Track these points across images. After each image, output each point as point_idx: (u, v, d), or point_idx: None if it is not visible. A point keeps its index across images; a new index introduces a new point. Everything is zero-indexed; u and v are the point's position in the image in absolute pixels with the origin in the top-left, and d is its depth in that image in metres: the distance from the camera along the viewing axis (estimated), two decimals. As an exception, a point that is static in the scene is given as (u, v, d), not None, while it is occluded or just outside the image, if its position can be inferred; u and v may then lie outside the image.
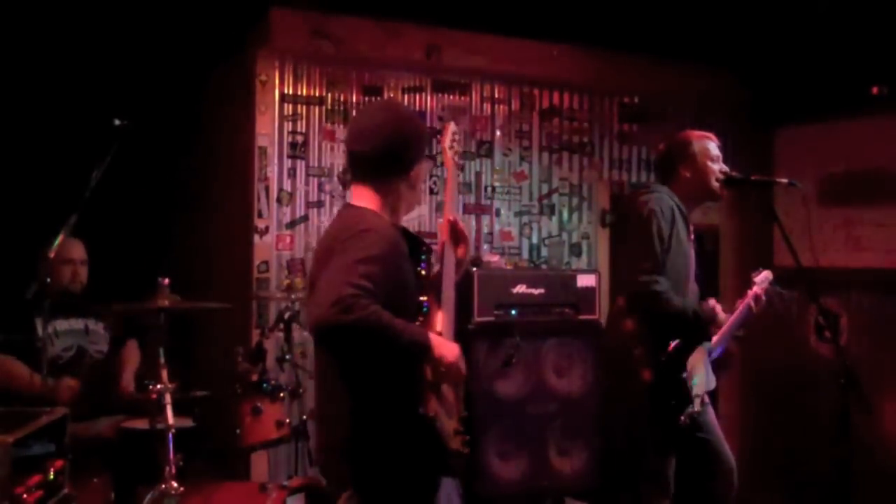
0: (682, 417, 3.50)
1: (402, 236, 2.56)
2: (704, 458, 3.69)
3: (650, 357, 3.52)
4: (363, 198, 2.60)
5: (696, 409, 3.54)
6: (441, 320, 2.59)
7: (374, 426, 2.44)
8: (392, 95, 5.38)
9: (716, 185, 3.72)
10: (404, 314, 2.40)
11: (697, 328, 3.60)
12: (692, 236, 3.73)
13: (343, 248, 2.37)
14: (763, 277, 3.84)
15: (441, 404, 2.52)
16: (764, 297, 3.77)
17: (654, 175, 3.98)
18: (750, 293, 3.77)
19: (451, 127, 2.88)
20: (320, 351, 2.57)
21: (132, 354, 4.40)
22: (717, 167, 3.74)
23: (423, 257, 2.60)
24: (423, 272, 2.59)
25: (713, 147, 3.76)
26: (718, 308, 3.69)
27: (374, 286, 2.29)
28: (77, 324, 4.30)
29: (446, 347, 2.47)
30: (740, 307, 3.75)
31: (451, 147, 2.84)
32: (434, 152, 5.13)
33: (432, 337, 2.45)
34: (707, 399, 3.67)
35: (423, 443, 2.46)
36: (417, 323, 2.50)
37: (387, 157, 2.57)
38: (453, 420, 2.57)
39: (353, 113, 5.25)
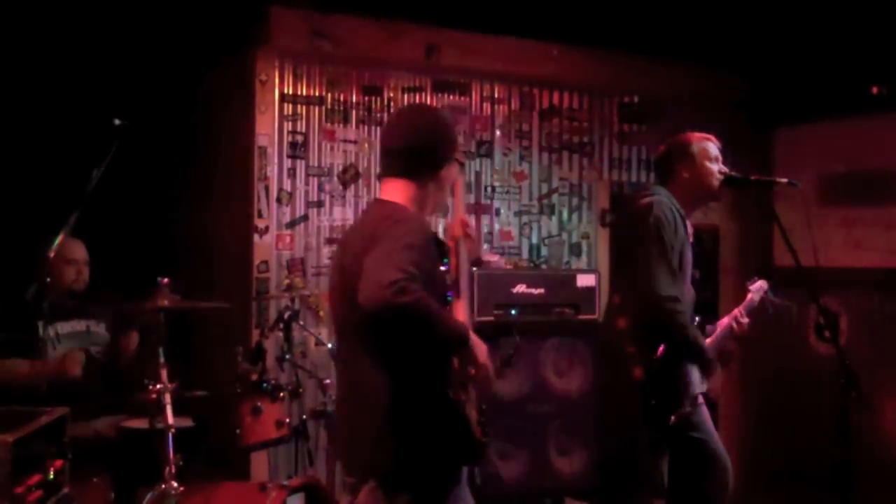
0: (673, 417, 3.49)
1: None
2: (699, 457, 3.69)
3: (642, 355, 3.52)
4: (393, 193, 2.65)
5: (687, 410, 3.54)
6: (462, 314, 2.64)
7: (408, 411, 2.48)
8: (392, 95, 5.38)
9: (715, 185, 3.72)
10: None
11: (696, 361, 3.59)
12: (691, 238, 3.74)
13: (388, 234, 2.43)
14: (758, 287, 3.84)
15: (466, 394, 2.57)
16: (757, 307, 3.77)
17: (654, 175, 3.98)
18: (743, 304, 3.77)
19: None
20: (350, 340, 2.58)
21: (132, 339, 4.38)
22: (717, 168, 3.73)
23: (445, 258, 2.67)
24: (446, 269, 2.66)
25: (713, 148, 3.76)
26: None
27: (419, 273, 2.35)
28: (79, 325, 4.30)
29: (479, 344, 2.53)
30: (729, 319, 3.75)
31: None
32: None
33: (471, 333, 2.51)
34: (701, 399, 3.67)
35: (453, 428, 2.50)
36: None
37: (418, 152, 2.64)
38: (475, 411, 2.62)
39: (353, 115, 5.26)
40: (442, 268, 2.63)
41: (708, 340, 3.68)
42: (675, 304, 3.47)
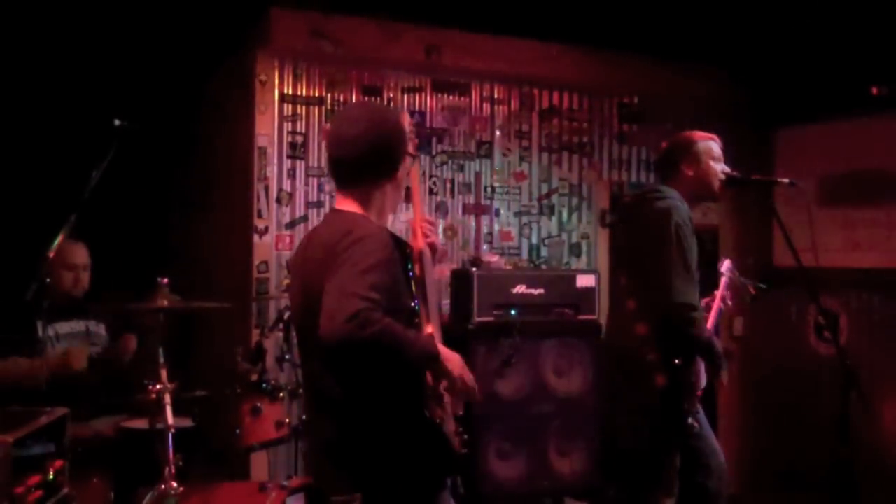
0: (691, 421, 3.50)
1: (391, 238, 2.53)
2: (697, 456, 3.69)
3: (664, 362, 3.51)
4: (350, 202, 2.56)
5: (699, 410, 3.55)
6: (430, 322, 2.59)
7: (380, 431, 2.43)
8: (392, 95, 5.38)
9: (717, 185, 3.72)
10: (400, 318, 2.38)
11: (711, 360, 3.59)
12: (694, 237, 3.74)
13: (346, 257, 2.33)
14: (727, 266, 3.84)
15: (441, 407, 2.52)
16: (731, 293, 3.77)
17: (655, 173, 3.96)
18: (721, 286, 3.77)
19: (406, 116, 2.79)
20: (316, 359, 2.52)
21: (130, 342, 4.37)
22: (720, 167, 3.73)
23: (409, 262, 2.58)
24: (410, 274, 2.57)
25: (716, 147, 3.75)
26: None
27: (381, 296, 2.28)
28: (78, 326, 4.30)
29: (451, 357, 2.46)
30: (717, 302, 3.75)
31: (411, 138, 2.74)
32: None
33: (441, 348, 2.45)
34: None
35: (430, 446, 2.46)
36: (413, 328, 2.49)
37: (372, 161, 2.53)
38: (451, 421, 2.57)
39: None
40: (409, 272, 2.55)
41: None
42: (694, 311, 3.47)
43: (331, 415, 2.49)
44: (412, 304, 2.52)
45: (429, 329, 2.57)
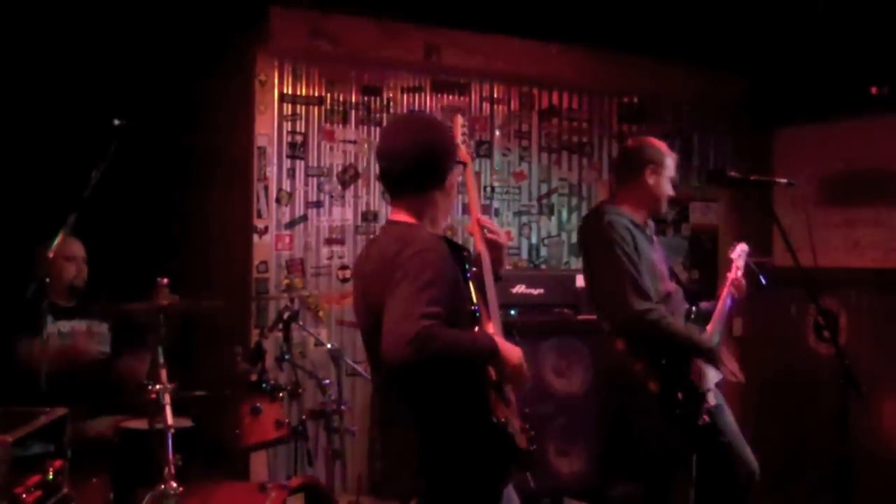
0: (703, 417, 3.50)
1: (447, 246, 2.57)
2: (725, 461, 3.68)
3: (652, 367, 3.52)
4: (403, 213, 2.62)
5: (711, 403, 3.54)
6: (491, 324, 2.64)
7: (450, 439, 2.48)
8: (391, 95, 5.38)
9: (665, 207, 3.77)
10: (462, 323, 2.46)
11: (696, 353, 3.59)
12: (653, 238, 3.75)
13: (404, 272, 2.38)
14: (739, 251, 3.84)
15: (506, 405, 2.58)
16: (743, 279, 3.77)
17: (616, 173, 3.96)
18: (729, 277, 3.77)
19: (459, 120, 2.87)
20: (382, 370, 2.56)
21: (142, 364, 4.36)
22: (670, 187, 3.77)
23: (466, 265, 2.63)
24: (469, 279, 2.61)
25: (673, 165, 3.79)
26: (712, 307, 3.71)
27: (441, 308, 2.34)
28: (80, 325, 4.30)
29: (510, 349, 2.52)
30: (727, 288, 3.75)
31: (464, 141, 2.83)
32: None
33: (498, 340, 2.51)
34: (721, 398, 3.67)
35: (497, 449, 2.51)
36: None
37: (421, 172, 2.58)
38: (517, 418, 2.63)
39: (352, 115, 5.25)
40: (467, 276, 2.60)
41: (712, 322, 3.69)
42: (650, 314, 3.49)
43: (399, 423, 2.54)
44: (472, 308, 2.57)
45: (490, 327, 2.62)
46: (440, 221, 2.68)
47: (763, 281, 3.82)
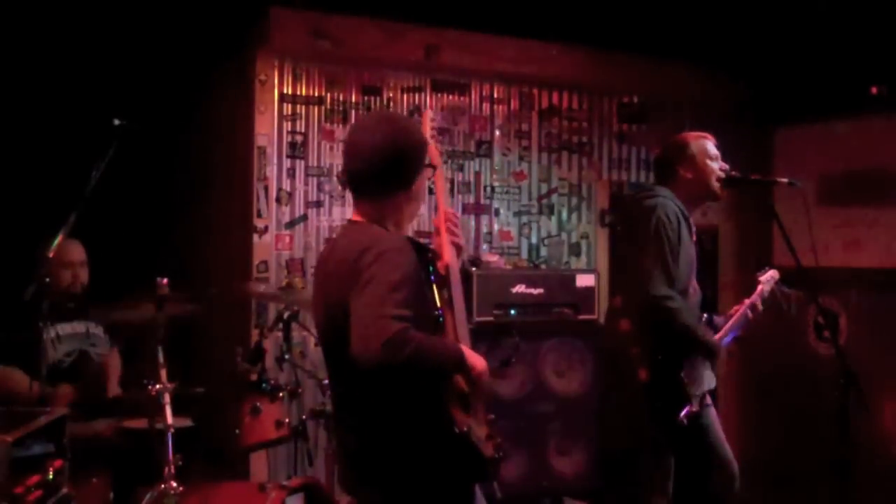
0: (681, 416, 3.50)
1: (412, 246, 2.50)
2: (706, 461, 3.68)
3: (647, 357, 3.52)
4: (367, 213, 2.54)
5: (694, 409, 3.54)
6: (456, 327, 2.58)
7: (408, 444, 2.43)
8: (391, 95, 5.38)
9: (716, 184, 3.72)
10: (425, 327, 2.38)
11: (701, 351, 3.59)
12: (694, 237, 3.73)
13: (370, 274, 2.30)
14: (769, 277, 3.83)
15: (470, 414, 2.50)
16: (769, 297, 3.77)
17: (654, 178, 3.97)
18: (755, 293, 3.77)
19: (429, 114, 2.80)
20: (342, 376, 2.52)
21: (115, 363, 4.36)
22: (717, 165, 3.73)
23: (431, 266, 2.56)
24: (433, 279, 2.55)
25: (711, 146, 3.76)
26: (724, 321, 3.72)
27: (409, 311, 2.27)
28: (79, 327, 4.29)
29: (475, 358, 2.46)
30: (742, 308, 3.75)
31: (433, 137, 2.73)
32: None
33: (463, 349, 2.45)
34: (709, 400, 3.67)
35: (460, 458, 2.44)
36: (438, 333, 2.49)
37: (387, 174, 2.49)
38: (483, 426, 2.55)
39: (352, 115, 5.25)
40: (431, 278, 2.54)
41: (720, 333, 3.69)
42: (669, 301, 3.47)
43: (357, 427, 2.50)
44: (436, 313, 2.51)
45: (452, 333, 2.56)
46: (405, 226, 2.60)
47: (787, 309, 3.83)
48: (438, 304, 2.54)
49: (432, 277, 2.55)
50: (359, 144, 2.52)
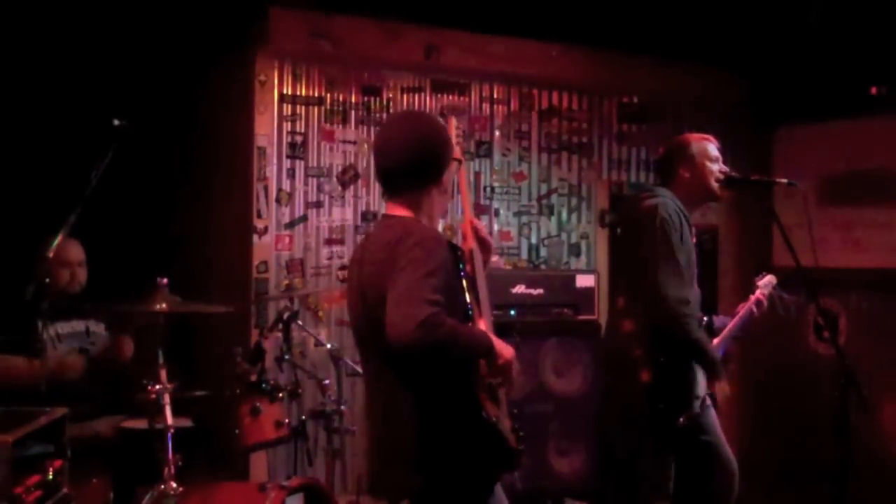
0: (682, 419, 3.50)
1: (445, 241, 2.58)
2: (706, 461, 3.69)
3: (649, 358, 3.52)
4: (400, 209, 2.62)
5: (695, 411, 3.54)
6: (483, 321, 2.64)
7: (441, 434, 2.48)
8: (391, 96, 5.38)
9: (715, 185, 3.72)
10: (456, 316, 2.45)
11: (702, 361, 3.58)
12: (694, 238, 3.73)
13: (408, 259, 2.38)
14: (766, 282, 3.84)
15: (497, 405, 2.56)
16: (766, 302, 3.78)
17: (655, 178, 3.98)
18: (752, 298, 3.78)
19: (453, 121, 2.86)
20: (375, 363, 2.58)
21: (126, 344, 4.36)
22: (717, 167, 3.73)
23: (461, 263, 2.63)
24: (462, 276, 2.62)
25: (712, 148, 3.76)
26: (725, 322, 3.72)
27: (442, 297, 2.35)
28: (79, 326, 4.29)
29: (504, 347, 2.53)
30: (741, 312, 3.76)
31: (458, 143, 2.83)
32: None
33: (494, 339, 2.51)
34: (709, 401, 3.67)
35: (489, 446, 2.50)
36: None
37: (417, 169, 2.59)
38: (508, 419, 2.62)
39: (352, 115, 5.25)
40: (461, 273, 2.61)
41: (719, 337, 3.69)
42: (684, 306, 3.47)
43: (392, 418, 2.55)
44: (467, 303, 2.58)
45: (482, 325, 2.62)
46: (436, 218, 2.70)
47: (783, 314, 3.84)
48: (468, 298, 2.60)
49: (462, 273, 2.62)
50: (390, 143, 2.62)
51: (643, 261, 3.54)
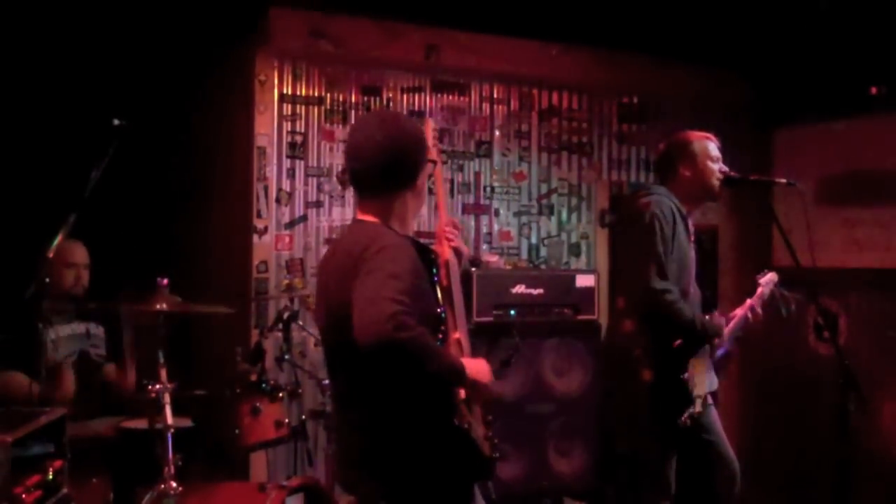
0: (683, 418, 3.50)
1: (414, 247, 2.51)
2: (707, 460, 3.69)
3: (650, 357, 3.52)
4: (371, 212, 2.56)
5: (697, 410, 3.55)
6: (458, 328, 2.59)
7: (410, 440, 2.43)
8: (391, 96, 5.38)
9: (715, 184, 3.73)
10: (427, 325, 2.37)
11: (702, 339, 3.59)
12: (692, 237, 3.73)
13: (371, 266, 2.33)
14: (768, 279, 3.84)
15: (470, 412, 2.52)
16: (768, 300, 3.78)
17: (654, 175, 3.98)
18: (755, 296, 3.78)
19: (431, 124, 2.82)
20: (344, 370, 2.52)
21: (128, 374, 4.36)
22: (717, 167, 3.74)
23: (434, 268, 2.58)
24: (435, 282, 2.57)
25: (713, 147, 3.77)
26: (724, 321, 3.70)
27: (409, 300, 2.28)
28: (79, 328, 4.29)
29: (479, 370, 2.46)
30: (743, 310, 3.76)
31: (435, 146, 2.77)
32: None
33: (466, 362, 2.44)
34: (711, 400, 3.67)
35: (459, 453, 2.46)
36: (440, 336, 2.48)
37: (390, 171, 2.51)
38: (482, 426, 2.57)
39: (352, 115, 5.25)
40: (434, 279, 2.55)
41: (724, 333, 3.70)
42: (666, 294, 3.48)
43: (359, 424, 2.50)
44: (438, 312, 2.52)
45: (456, 335, 2.58)
46: (409, 221, 2.62)
47: (784, 313, 3.84)
48: (441, 303, 2.55)
49: (435, 278, 2.56)
50: (360, 144, 2.54)
51: (633, 257, 3.57)
